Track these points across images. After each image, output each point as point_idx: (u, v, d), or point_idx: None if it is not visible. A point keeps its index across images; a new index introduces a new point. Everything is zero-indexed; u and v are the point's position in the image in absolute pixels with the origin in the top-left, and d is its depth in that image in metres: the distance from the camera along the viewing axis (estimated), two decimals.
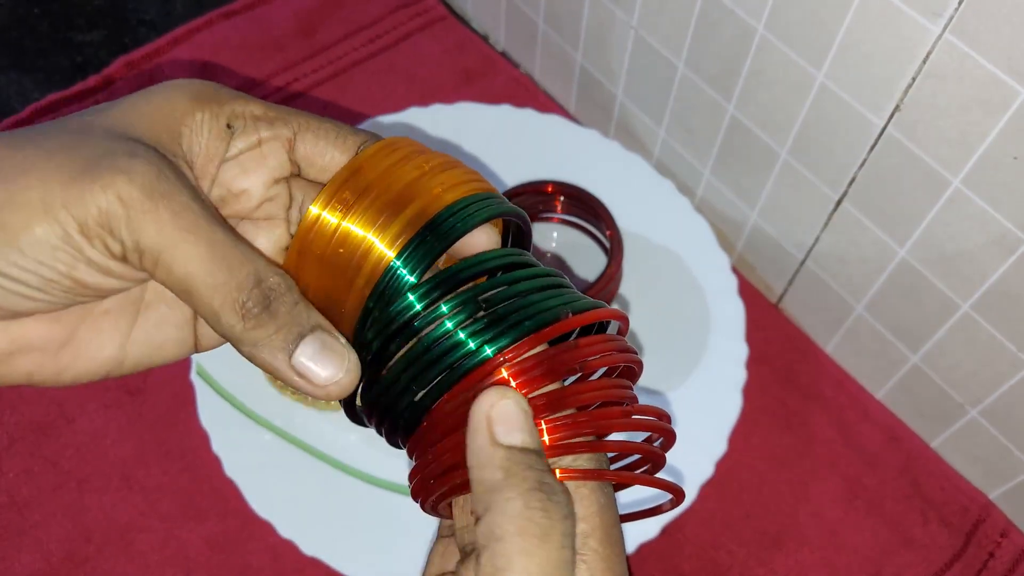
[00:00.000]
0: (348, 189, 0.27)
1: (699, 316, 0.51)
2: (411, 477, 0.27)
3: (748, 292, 0.54)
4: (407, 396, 0.26)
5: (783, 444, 0.50)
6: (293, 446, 0.48)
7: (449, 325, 0.25)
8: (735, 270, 0.53)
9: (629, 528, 0.46)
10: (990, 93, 0.35)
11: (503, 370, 0.25)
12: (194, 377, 0.48)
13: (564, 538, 0.24)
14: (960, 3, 0.34)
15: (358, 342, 0.27)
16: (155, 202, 0.25)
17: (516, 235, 0.30)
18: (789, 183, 0.48)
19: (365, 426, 0.28)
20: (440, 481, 0.26)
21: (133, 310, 0.29)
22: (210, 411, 0.48)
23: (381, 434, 0.28)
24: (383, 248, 0.26)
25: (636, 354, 0.28)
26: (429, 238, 0.26)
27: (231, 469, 0.46)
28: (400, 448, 0.28)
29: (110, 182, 0.24)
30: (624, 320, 0.28)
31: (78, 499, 0.48)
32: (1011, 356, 0.42)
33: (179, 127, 0.26)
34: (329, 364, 0.26)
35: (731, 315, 0.51)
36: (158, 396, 0.51)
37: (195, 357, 0.49)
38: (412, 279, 0.26)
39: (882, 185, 0.42)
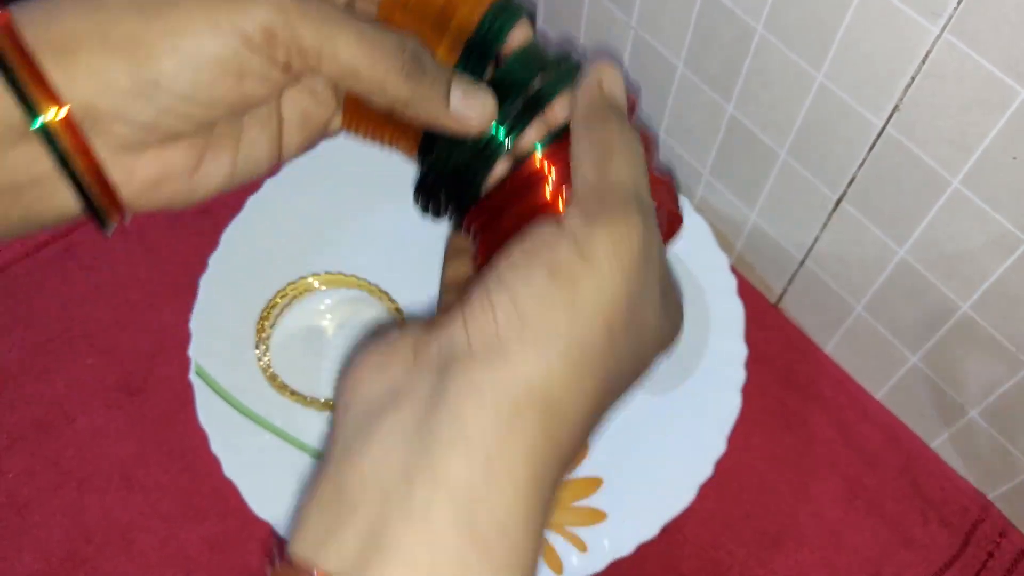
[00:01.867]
0: None
1: (698, 316, 0.51)
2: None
3: (747, 292, 0.54)
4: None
5: (783, 444, 0.50)
6: (293, 446, 0.48)
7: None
8: (734, 270, 0.53)
9: (629, 529, 0.46)
10: (989, 93, 0.35)
11: None
12: (193, 377, 0.48)
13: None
14: (959, 3, 0.34)
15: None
16: (305, 7, 0.28)
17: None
18: (788, 183, 0.48)
19: (432, 198, 0.34)
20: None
21: (238, 133, 0.31)
22: (209, 411, 0.48)
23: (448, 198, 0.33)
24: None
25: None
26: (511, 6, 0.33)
27: (230, 469, 0.46)
28: (459, 216, 0.33)
29: None
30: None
31: (78, 499, 0.48)
32: (1011, 356, 0.42)
33: None
34: (475, 102, 0.31)
35: (730, 315, 0.51)
36: (158, 396, 0.51)
37: (194, 357, 0.49)
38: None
39: (881, 185, 0.42)
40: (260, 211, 0.53)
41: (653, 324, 0.29)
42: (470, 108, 0.31)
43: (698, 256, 0.53)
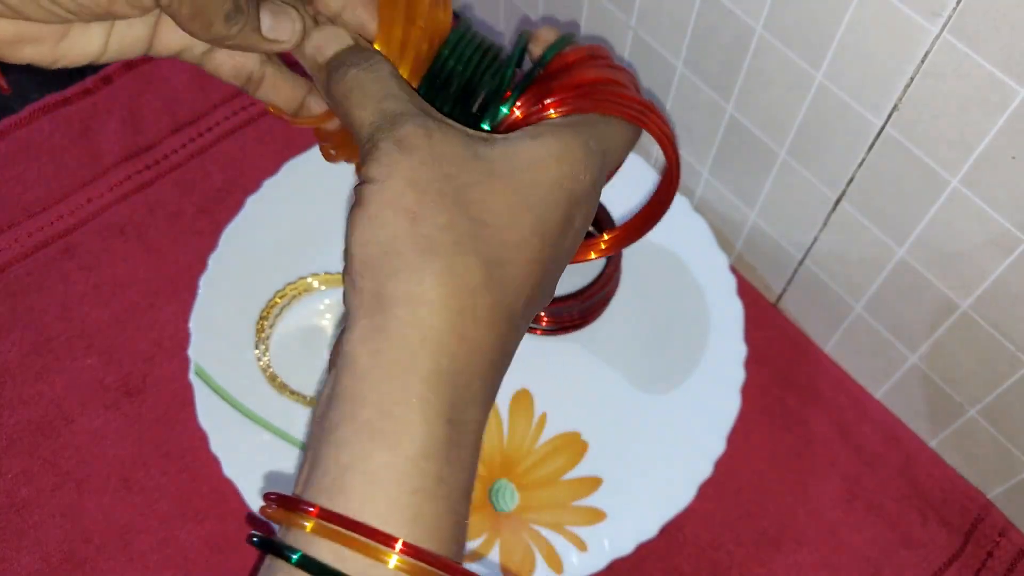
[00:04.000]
0: None
1: (698, 316, 0.51)
2: None
3: (747, 292, 0.54)
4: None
5: (782, 444, 0.50)
6: (293, 446, 0.48)
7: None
8: (734, 270, 0.53)
9: (628, 528, 0.46)
10: (989, 92, 0.35)
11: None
12: (193, 377, 0.48)
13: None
14: (958, 2, 0.34)
15: None
16: None
17: None
18: (788, 183, 0.48)
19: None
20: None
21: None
22: (209, 411, 0.48)
23: None
24: None
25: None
26: None
27: (230, 469, 0.46)
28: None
29: None
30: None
31: (77, 500, 0.48)
32: (1010, 355, 0.42)
33: None
34: (283, 25, 0.33)
35: (730, 315, 0.51)
36: (157, 397, 0.51)
37: (194, 358, 0.49)
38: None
39: (881, 185, 0.42)
40: (260, 211, 0.53)
41: (473, 178, 0.30)
42: (280, 31, 0.33)
43: (697, 256, 0.53)
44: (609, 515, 0.46)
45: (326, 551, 0.26)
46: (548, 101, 0.33)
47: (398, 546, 0.25)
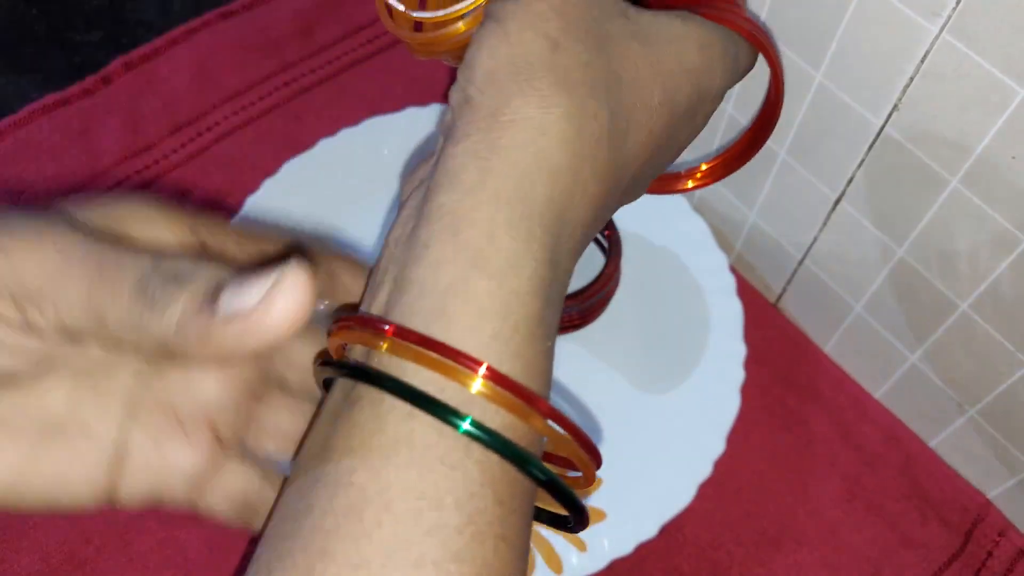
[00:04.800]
0: None
1: (697, 316, 0.51)
2: None
3: (746, 292, 0.54)
4: None
5: (782, 444, 0.50)
6: None
7: None
8: (733, 270, 0.53)
9: (628, 528, 0.46)
10: (988, 93, 0.35)
11: None
12: None
13: None
14: (958, 3, 0.34)
15: None
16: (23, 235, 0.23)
17: None
18: (787, 183, 0.48)
19: None
20: None
21: (40, 432, 0.25)
22: None
23: None
24: None
25: None
26: None
27: None
28: None
29: None
30: None
31: None
32: (1009, 355, 0.42)
33: None
34: (250, 291, 0.22)
35: (729, 315, 0.51)
36: None
37: None
38: None
39: (880, 185, 0.42)
40: (260, 211, 0.53)
41: (617, 31, 0.28)
42: (245, 298, 0.23)
43: (697, 256, 0.53)
44: (609, 515, 0.46)
45: (423, 379, 0.23)
46: None
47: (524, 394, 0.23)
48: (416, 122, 0.57)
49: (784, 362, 0.53)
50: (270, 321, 0.22)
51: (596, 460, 0.26)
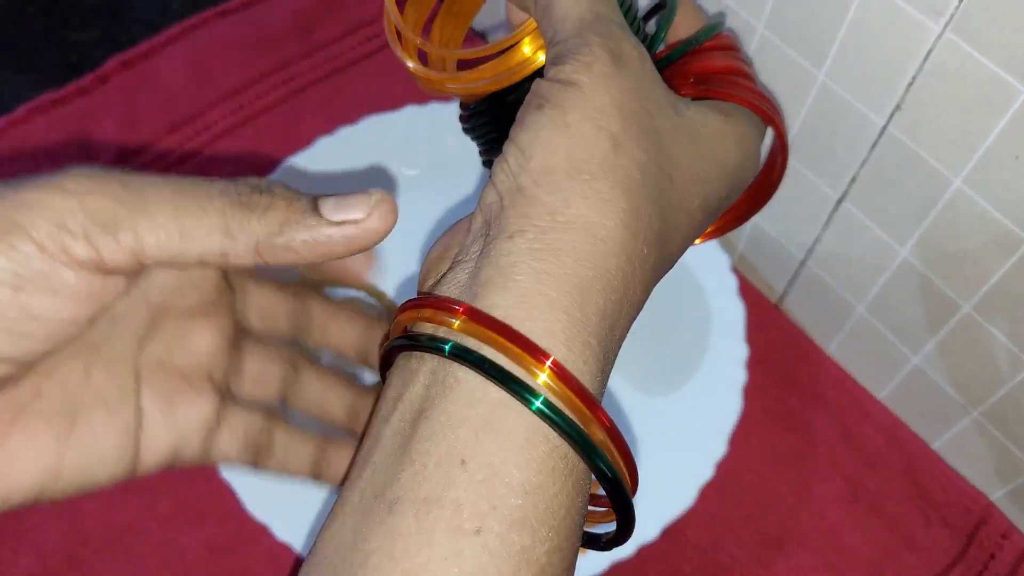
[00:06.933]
0: None
1: (699, 316, 0.51)
2: None
3: (749, 292, 0.54)
4: None
5: (784, 445, 0.50)
6: None
7: None
8: (735, 270, 0.53)
9: None
10: (991, 92, 0.35)
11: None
12: None
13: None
14: (961, 2, 0.33)
15: None
16: (101, 181, 0.24)
17: None
18: (790, 183, 0.47)
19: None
20: None
21: (70, 413, 0.26)
22: None
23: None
24: None
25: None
26: None
27: (227, 472, 0.46)
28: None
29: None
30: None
31: (75, 502, 0.48)
32: (1013, 357, 0.41)
33: None
34: (356, 206, 0.25)
35: (731, 315, 0.51)
36: None
37: None
38: None
39: (883, 185, 0.42)
40: None
41: (668, 128, 0.28)
42: (352, 212, 0.25)
43: (699, 256, 0.53)
44: None
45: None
46: (707, 86, 0.31)
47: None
48: (415, 121, 0.57)
49: (786, 363, 0.53)
50: (381, 227, 0.25)
51: (633, 488, 0.27)
